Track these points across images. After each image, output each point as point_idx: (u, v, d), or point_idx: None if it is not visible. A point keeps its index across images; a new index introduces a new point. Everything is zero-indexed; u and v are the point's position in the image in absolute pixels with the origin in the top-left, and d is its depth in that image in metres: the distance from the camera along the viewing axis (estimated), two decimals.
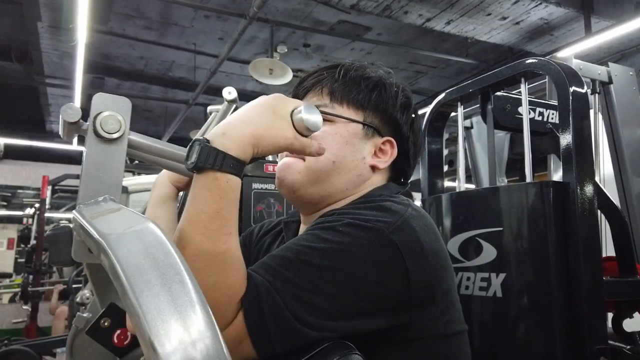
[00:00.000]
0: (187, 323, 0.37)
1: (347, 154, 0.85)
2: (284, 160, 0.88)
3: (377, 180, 0.89)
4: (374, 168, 0.88)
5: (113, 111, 0.69)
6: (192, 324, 0.37)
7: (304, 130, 0.71)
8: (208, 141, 0.65)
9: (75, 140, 9.14)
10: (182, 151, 0.78)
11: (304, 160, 0.85)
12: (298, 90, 0.93)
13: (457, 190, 1.42)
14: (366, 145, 0.87)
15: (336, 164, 0.84)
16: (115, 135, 0.68)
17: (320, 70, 0.92)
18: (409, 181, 0.97)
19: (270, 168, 1.69)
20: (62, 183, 7.91)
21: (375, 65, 0.95)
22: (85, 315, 1.32)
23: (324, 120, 0.85)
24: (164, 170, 0.98)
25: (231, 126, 0.67)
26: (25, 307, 6.43)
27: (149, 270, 0.41)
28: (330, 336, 0.66)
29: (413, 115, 0.93)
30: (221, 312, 0.62)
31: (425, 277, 0.72)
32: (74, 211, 0.61)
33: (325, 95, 0.88)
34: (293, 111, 0.71)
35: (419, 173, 1.55)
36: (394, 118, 0.90)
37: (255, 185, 2.03)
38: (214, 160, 0.64)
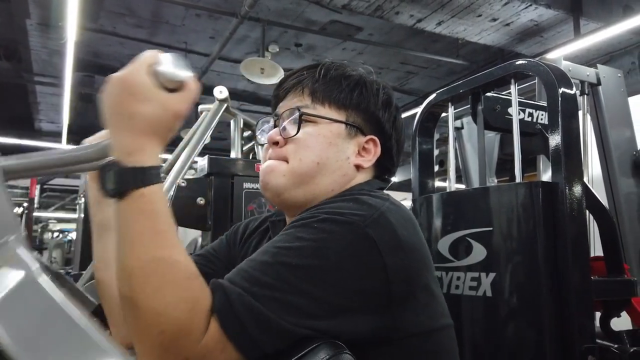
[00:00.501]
0: None
1: (330, 155, 0.84)
2: (267, 163, 0.87)
3: (362, 178, 0.89)
4: (358, 167, 0.88)
5: None
6: None
7: (174, 85, 0.66)
8: (117, 162, 0.63)
9: (64, 138, 9.06)
10: (72, 152, 0.72)
11: (287, 162, 0.84)
12: (279, 92, 0.92)
13: (448, 190, 1.43)
14: (349, 144, 0.87)
15: (320, 165, 0.84)
16: None
17: (300, 70, 0.91)
18: (393, 178, 0.97)
19: None
20: (51, 182, 7.85)
21: (355, 63, 0.94)
22: None
23: (307, 122, 0.85)
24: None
25: (127, 141, 0.64)
26: None
27: (39, 337, 0.39)
28: (316, 335, 0.66)
29: (395, 113, 0.93)
30: (187, 329, 0.61)
31: (404, 270, 0.72)
32: None
33: (306, 96, 0.87)
34: (153, 74, 0.66)
35: (410, 173, 1.55)
36: (376, 116, 0.89)
37: (246, 185, 2.02)
38: (134, 179, 0.62)
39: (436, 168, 1.65)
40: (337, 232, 0.69)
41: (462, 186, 2.53)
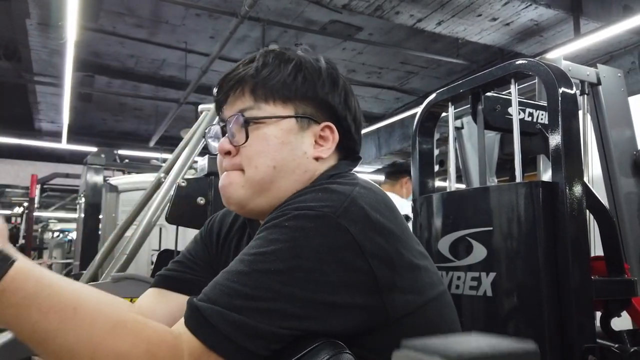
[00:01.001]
0: None
1: (286, 155, 0.79)
2: (224, 175, 0.82)
3: (326, 168, 0.84)
4: (317, 159, 0.82)
5: None
6: None
7: None
8: None
9: (64, 138, 9.07)
10: None
11: (243, 171, 0.80)
12: (219, 96, 0.86)
13: (448, 190, 1.43)
14: (304, 138, 0.81)
15: (277, 168, 0.79)
16: None
17: (236, 67, 0.85)
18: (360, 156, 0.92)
19: None
20: (51, 182, 7.85)
21: (296, 46, 0.89)
22: None
23: (254, 123, 0.79)
24: None
25: None
26: None
27: None
28: (309, 335, 0.65)
29: (344, 91, 0.86)
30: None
31: (384, 255, 0.69)
32: None
33: (248, 96, 0.81)
34: None
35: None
36: (326, 101, 0.83)
37: None
38: None
39: (436, 168, 1.65)
40: (309, 228, 0.67)
41: (462, 186, 2.53)
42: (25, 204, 7.19)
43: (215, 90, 0.88)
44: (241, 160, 0.81)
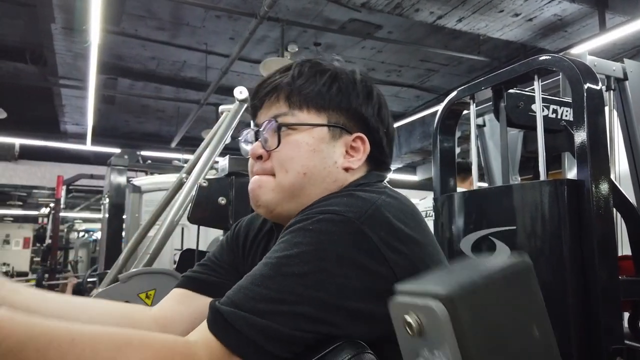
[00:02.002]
0: None
1: (317, 163, 0.80)
2: (255, 178, 0.84)
3: (355, 179, 0.84)
4: (347, 169, 0.83)
5: None
6: None
7: None
8: None
9: (89, 140, 9.25)
10: None
11: (274, 175, 0.81)
12: (254, 101, 0.88)
13: (470, 189, 1.41)
14: (335, 147, 0.82)
15: (307, 175, 0.80)
16: None
17: (273, 74, 0.86)
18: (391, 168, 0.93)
19: None
20: (77, 183, 8.02)
21: (330, 57, 0.89)
22: None
23: (288, 129, 0.80)
24: None
25: None
26: None
27: None
28: (334, 340, 0.65)
29: (378, 104, 0.87)
30: None
31: (408, 264, 0.69)
32: None
33: (282, 103, 0.83)
34: None
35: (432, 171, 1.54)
36: (359, 112, 0.84)
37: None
38: None
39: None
40: (334, 232, 0.67)
41: (484, 184, 2.50)
42: (52, 205, 7.35)
43: (252, 95, 0.89)
44: (272, 165, 0.82)
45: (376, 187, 0.79)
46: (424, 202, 3.53)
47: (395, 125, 8.30)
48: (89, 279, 5.28)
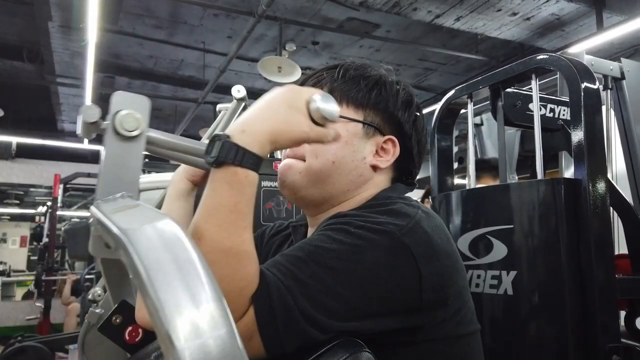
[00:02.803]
0: (204, 318, 0.37)
1: (346, 154, 0.84)
2: (285, 161, 0.88)
3: (380, 180, 0.88)
4: (375, 168, 0.87)
5: (132, 109, 0.69)
6: (209, 319, 0.37)
7: (320, 120, 0.70)
8: (228, 137, 0.65)
9: (86, 139, 9.22)
10: (200, 145, 0.78)
11: (304, 160, 0.85)
12: None
13: (467, 188, 1.41)
14: (367, 145, 0.86)
15: (336, 164, 0.84)
16: (134, 133, 0.68)
17: (320, 70, 0.91)
18: (416, 180, 0.96)
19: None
20: (74, 181, 8.00)
21: (377, 64, 0.94)
22: (97, 311, 1.33)
23: None
24: (181, 166, 0.98)
25: (250, 123, 0.67)
26: (38, 303, 6.52)
27: (168, 265, 0.41)
28: (339, 336, 0.66)
29: (416, 114, 0.92)
30: (232, 305, 0.61)
31: (437, 279, 0.72)
32: (91, 207, 0.61)
33: None
34: (309, 102, 0.70)
35: (429, 170, 1.54)
36: (395, 116, 0.88)
37: (264, 183, 2.03)
38: (234, 155, 0.64)
39: (455, 165, 1.63)
40: (374, 240, 0.70)
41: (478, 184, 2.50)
42: (49, 203, 7.34)
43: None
44: (304, 151, 0.85)
45: (409, 201, 0.81)
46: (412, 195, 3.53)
47: None
48: (86, 277, 5.26)
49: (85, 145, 9.39)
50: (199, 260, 0.42)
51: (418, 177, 0.97)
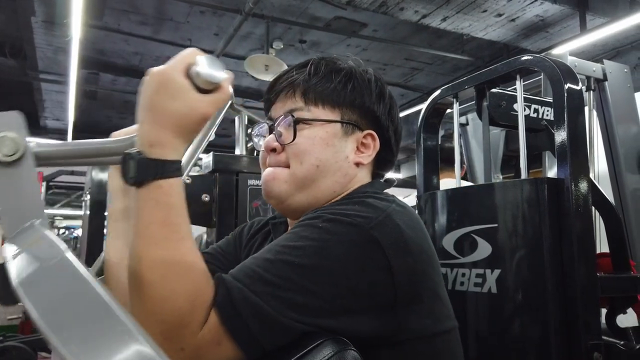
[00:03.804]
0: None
1: (329, 156, 0.84)
2: (268, 170, 0.87)
3: (363, 175, 0.89)
4: (358, 164, 0.87)
5: (4, 131, 0.62)
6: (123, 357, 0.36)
7: (208, 85, 0.67)
8: (140, 153, 0.64)
9: (70, 136, 9.10)
10: (102, 145, 0.73)
11: (288, 167, 0.84)
12: (270, 95, 0.91)
13: (453, 187, 1.42)
14: (347, 143, 0.86)
15: (320, 168, 0.83)
16: (15, 157, 0.61)
17: (289, 70, 0.90)
18: (397, 175, 0.96)
19: None
20: (57, 179, 7.89)
21: (344, 56, 0.93)
22: None
23: (303, 123, 0.84)
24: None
25: (152, 133, 0.65)
26: (20, 303, 6.40)
27: (68, 313, 0.40)
28: (318, 331, 0.66)
29: (389, 103, 0.92)
30: (186, 319, 0.62)
31: (410, 273, 0.71)
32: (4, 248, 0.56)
33: (298, 98, 0.86)
34: (188, 75, 0.67)
35: (415, 169, 1.55)
36: (372, 110, 0.88)
37: (251, 182, 2.03)
38: (154, 170, 0.64)
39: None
40: (341, 233, 0.69)
41: (467, 183, 2.52)
42: None
43: (267, 89, 0.92)
44: (286, 158, 0.85)
45: (385, 195, 0.81)
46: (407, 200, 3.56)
47: None
48: None
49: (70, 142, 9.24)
50: (102, 297, 0.41)
51: (406, 175, 0.98)
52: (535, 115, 1.50)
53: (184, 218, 0.66)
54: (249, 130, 2.37)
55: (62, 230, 11.18)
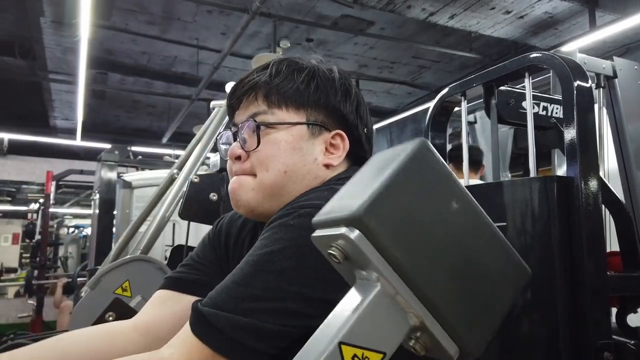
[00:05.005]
0: None
1: (297, 160, 0.80)
2: (234, 179, 0.83)
3: (336, 174, 0.85)
4: (328, 166, 0.83)
5: None
6: None
7: None
8: None
9: (79, 135, 9.16)
10: None
11: (255, 176, 0.81)
12: (232, 101, 0.87)
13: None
14: (315, 145, 0.82)
15: (288, 173, 0.80)
16: None
17: (250, 74, 0.86)
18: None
19: None
20: (66, 178, 7.95)
21: (307, 54, 0.90)
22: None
23: (267, 128, 0.80)
24: None
25: None
26: (30, 301, 6.48)
27: None
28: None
29: (356, 100, 0.87)
30: None
31: None
32: None
33: (261, 102, 0.82)
34: None
35: None
36: (338, 109, 0.84)
37: None
38: None
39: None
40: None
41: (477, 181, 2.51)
42: (41, 201, 7.29)
43: (228, 95, 0.88)
44: (252, 165, 0.81)
45: None
46: None
47: (387, 121, 8.27)
48: (78, 279, 5.24)
49: (78, 142, 9.33)
50: None
51: None
52: (544, 112, 1.49)
53: None
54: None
55: (71, 229, 11.28)
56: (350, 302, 0.45)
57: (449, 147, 1.61)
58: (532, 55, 1.23)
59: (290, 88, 0.82)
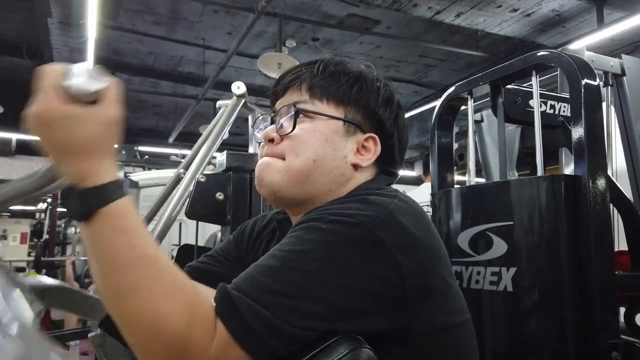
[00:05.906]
0: None
1: (327, 153, 0.82)
2: (263, 160, 0.85)
3: (362, 178, 0.86)
4: (356, 166, 0.85)
5: None
6: None
7: (90, 97, 0.63)
8: (74, 187, 0.61)
9: None
10: (13, 185, 0.70)
11: (284, 159, 0.83)
12: (277, 88, 0.90)
13: (467, 185, 1.41)
14: (347, 142, 0.84)
15: (317, 162, 0.81)
16: None
17: (299, 66, 0.88)
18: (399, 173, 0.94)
19: None
20: None
21: (356, 59, 0.92)
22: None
23: (304, 116, 0.83)
24: None
25: (74, 168, 0.62)
26: None
27: None
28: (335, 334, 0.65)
29: (396, 110, 0.90)
30: (190, 338, 0.60)
31: (418, 269, 0.70)
32: None
33: (304, 92, 0.85)
34: (64, 93, 0.62)
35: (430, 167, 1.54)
36: (376, 114, 0.86)
37: None
38: (95, 199, 0.60)
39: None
40: (345, 234, 0.68)
41: (482, 180, 2.50)
42: (49, 200, 7.34)
43: (274, 83, 0.91)
44: (283, 149, 0.83)
45: (387, 191, 0.79)
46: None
47: None
48: (85, 279, 5.27)
49: None
50: None
51: (420, 173, 0.96)
52: (551, 111, 1.49)
53: (145, 236, 0.63)
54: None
55: (78, 229, 11.33)
56: None
57: (455, 145, 1.61)
58: (539, 54, 1.22)
59: (335, 84, 0.85)
